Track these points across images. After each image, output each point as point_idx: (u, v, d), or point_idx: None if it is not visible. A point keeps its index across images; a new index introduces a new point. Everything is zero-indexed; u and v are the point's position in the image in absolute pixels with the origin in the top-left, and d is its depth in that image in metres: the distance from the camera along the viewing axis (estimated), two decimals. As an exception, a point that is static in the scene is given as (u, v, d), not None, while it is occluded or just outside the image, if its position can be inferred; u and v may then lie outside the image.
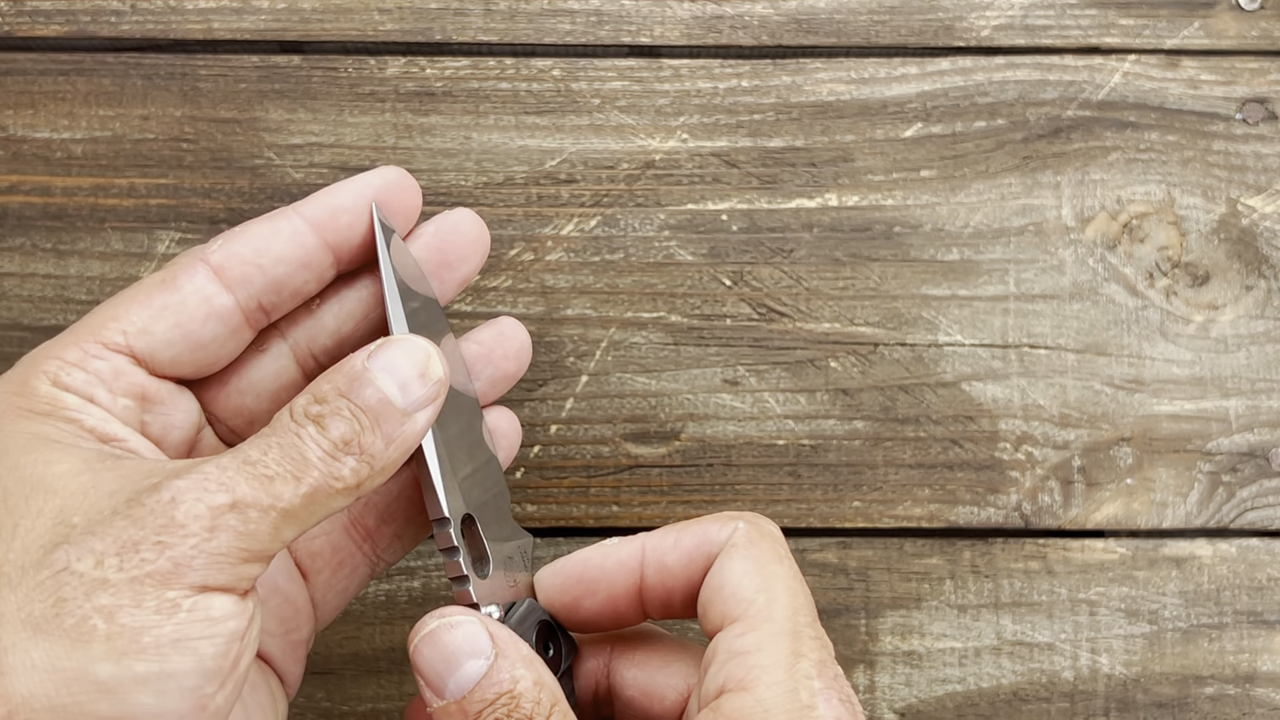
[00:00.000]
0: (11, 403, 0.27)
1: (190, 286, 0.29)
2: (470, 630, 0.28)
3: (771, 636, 0.28)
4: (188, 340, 0.29)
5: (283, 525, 0.25)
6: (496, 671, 0.27)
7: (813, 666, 0.27)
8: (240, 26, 0.41)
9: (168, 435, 0.30)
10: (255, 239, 0.30)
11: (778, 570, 0.29)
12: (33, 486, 0.25)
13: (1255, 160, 0.42)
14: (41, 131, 0.41)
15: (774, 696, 0.27)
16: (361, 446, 0.26)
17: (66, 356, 0.28)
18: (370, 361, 0.27)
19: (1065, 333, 0.41)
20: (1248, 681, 0.41)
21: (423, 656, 0.28)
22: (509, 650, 0.28)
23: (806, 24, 0.42)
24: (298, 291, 0.31)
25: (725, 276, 0.41)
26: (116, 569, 0.24)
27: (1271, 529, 0.41)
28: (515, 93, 0.41)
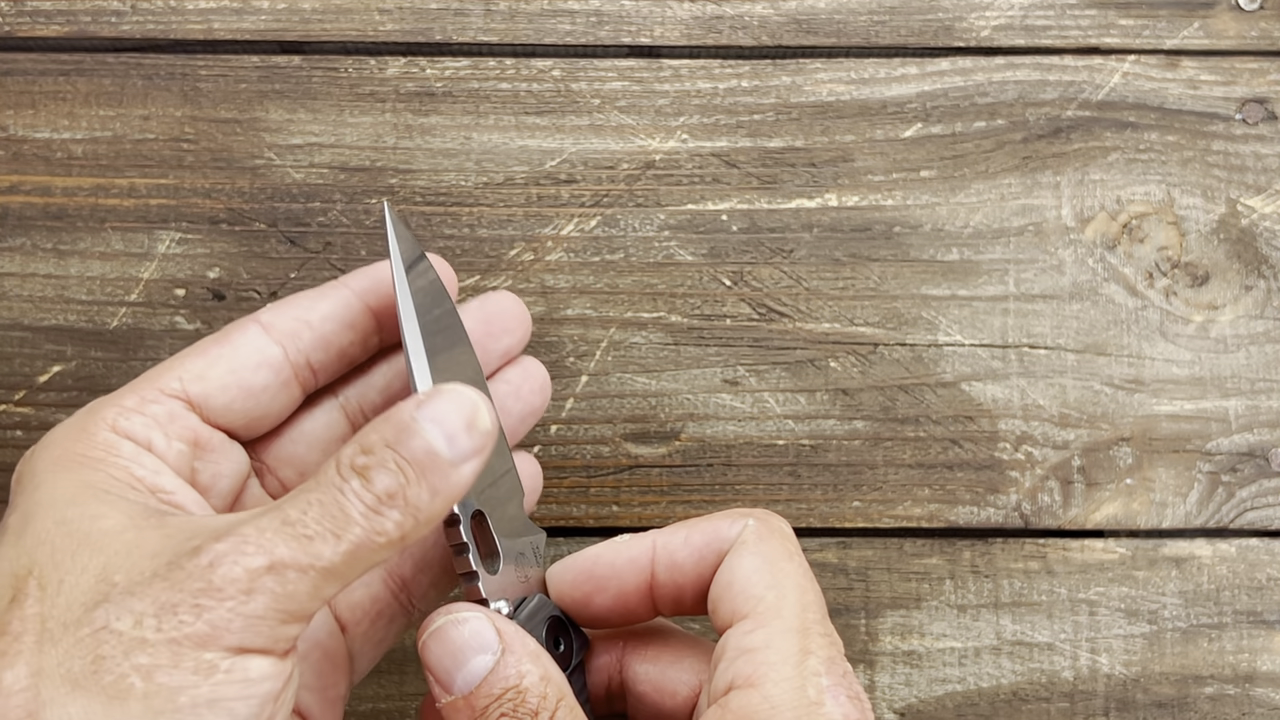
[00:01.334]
0: (68, 449, 0.28)
1: (242, 339, 0.30)
2: (477, 626, 0.28)
3: (780, 633, 0.28)
4: (240, 387, 0.30)
5: (323, 584, 0.25)
6: (503, 667, 0.27)
7: (821, 664, 0.27)
8: (240, 27, 0.41)
9: (216, 484, 0.30)
10: (303, 300, 0.31)
11: (787, 567, 0.29)
12: (79, 542, 0.25)
13: (1255, 160, 0.42)
14: (42, 131, 0.41)
15: (781, 693, 0.27)
16: (406, 499, 0.26)
17: (125, 403, 0.28)
18: (419, 412, 0.26)
19: (1065, 333, 0.41)
20: (1247, 681, 0.41)
21: (430, 652, 0.28)
22: (516, 645, 0.28)
23: (806, 24, 0.42)
24: (344, 352, 0.32)
25: (725, 276, 0.41)
26: (155, 629, 0.24)
27: (1271, 529, 0.41)
28: (515, 93, 0.41)
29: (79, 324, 0.40)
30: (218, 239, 0.41)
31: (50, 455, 0.28)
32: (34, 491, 0.27)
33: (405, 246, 0.31)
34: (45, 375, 0.40)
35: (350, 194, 0.41)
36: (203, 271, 0.40)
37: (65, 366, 0.40)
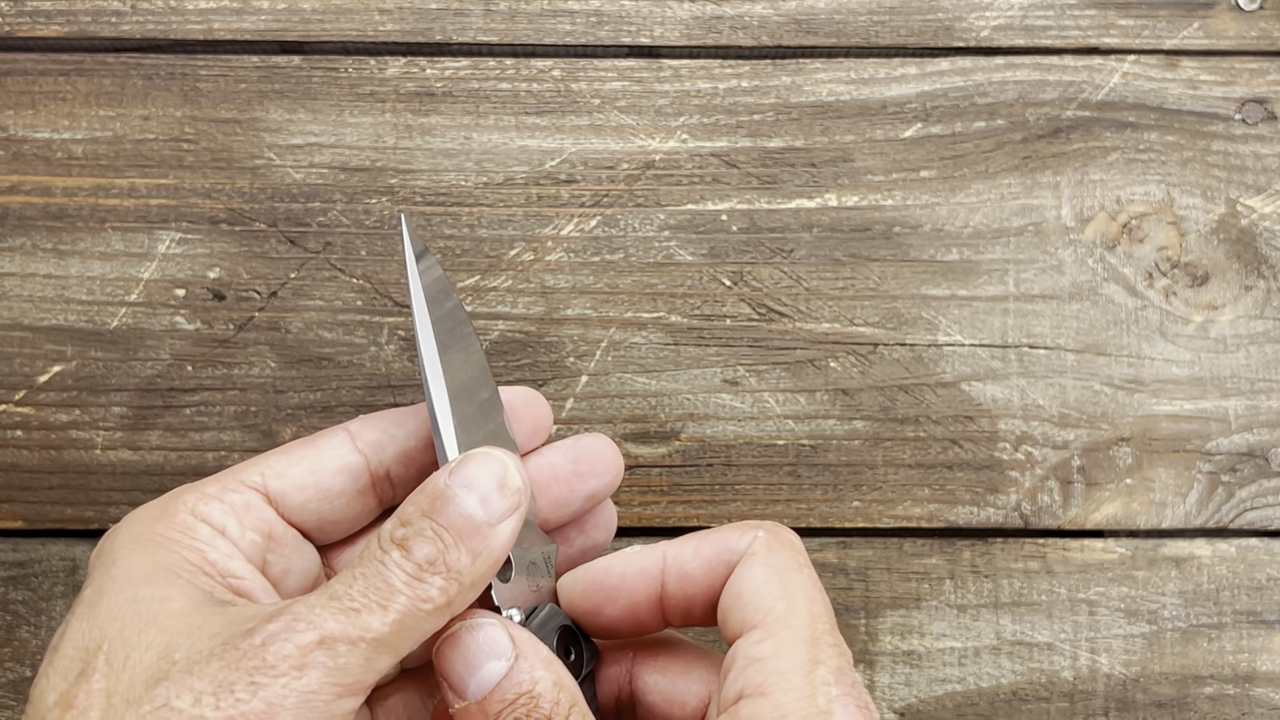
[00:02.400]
0: (149, 527, 0.28)
1: (327, 444, 0.31)
2: (491, 632, 0.28)
3: (790, 643, 0.28)
4: (318, 488, 0.31)
5: (374, 655, 0.26)
6: (516, 672, 0.28)
7: (830, 673, 0.28)
8: (241, 27, 0.41)
9: (286, 579, 0.31)
10: (393, 414, 0.32)
11: (797, 578, 0.29)
12: (147, 621, 0.26)
13: (1254, 160, 0.42)
14: (42, 132, 0.41)
15: (791, 702, 0.27)
16: (447, 564, 0.27)
17: (207, 490, 0.29)
18: (451, 479, 0.27)
19: (1065, 333, 0.41)
20: (1247, 681, 0.41)
21: (445, 658, 0.28)
22: (529, 652, 0.28)
23: (806, 24, 0.42)
24: (425, 470, 0.32)
25: (725, 276, 0.41)
26: (213, 708, 0.25)
27: (1271, 529, 0.41)
28: (515, 93, 0.41)
29: (79, 324, 0.40)
30: (218, 239, 0.41)
31: (131, 533, 0.28)
32: (110, 567, 0.28)
33: (428, 279, 0.31)
34: (45, 375, 0.40)
35: (350, 194, 0.41)
36: (203, 271, 0.40)
37: (65, 366, 0.40)
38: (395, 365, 0.40)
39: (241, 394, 0.40)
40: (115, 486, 0.40)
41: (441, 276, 0.32)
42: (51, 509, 0.40)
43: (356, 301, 0.40)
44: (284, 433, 0.40)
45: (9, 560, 0.40)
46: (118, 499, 0.40)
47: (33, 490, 0.40)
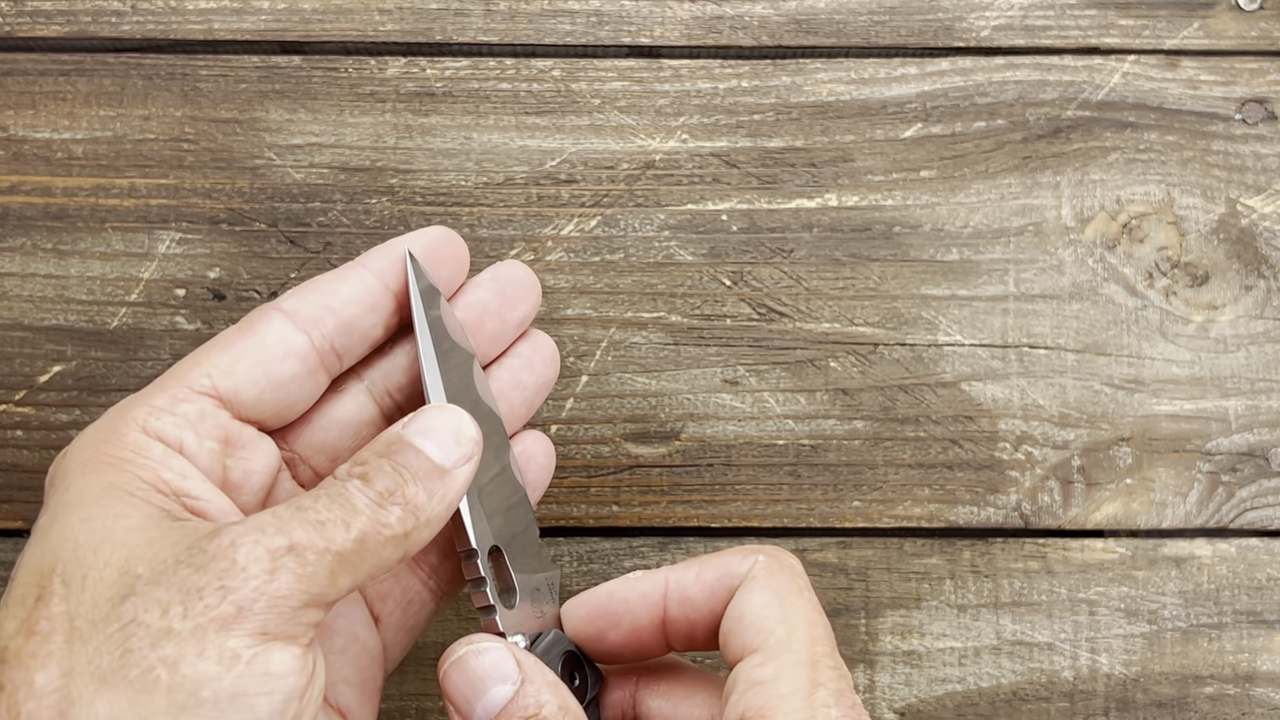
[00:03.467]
0: (98, 450, 0.28)
1: (266, 329, 0.30)
2: (497, 656, 0.28)
3: (790, 666, 0.28)
4: (269, 379, 0.30)
5: (338, 570, 0.26)
6: (522, 696, 0.28)
7: (830, 695, 0.28)
8: (241, 27, 0.41)
9: (248, 480, 0.30)
10: (323, 284, 0.31)
11: (797, 602, 0.29)
12: (101, 538, 0.26)
13: (1254, 160, 0.42)
14: (42, 132, 0.41)
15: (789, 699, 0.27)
16: (405, 497, 0.27)
17: (155, 402, 0.28)
18: (406, 429, 0.28)
19: (1065, 333, 0.41)
20: (1247, 681, 0.41)
21: (451, 682, 0.28)
22: (534, 675, 0.28)
23: (806, 24, 0.42)
24: (366, 334, 0.32)
25: (725, 276, 0.41)
26: (181, 617, 0.24)
27: (1271, 529, 0.41)
28: (515, 93, 0.41)
29: (79, 324, 0.40)
30: (218, 239, 0.41)
31: (80, 456, 0.28)
32: (63, 493, 0.27)
33: (427, 295, 0.31)
34: (45, 375, 0.40)
35: (350, 194, 0.41)
36: (203, 271, 0.40)
37: (65, 366, 0.40)
38: (395, 365, 0.40)
39: (242, 394, 0.40)
40: (115, 486, 0.40)
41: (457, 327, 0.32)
42: (52, 509, 0.40)
43: (357, 301, 0.41)
44: (284, 433, 0.40)
45: (9, 560, 0.40)
46: (118, 499, 0.40)
47: (33, 490, 0.40)
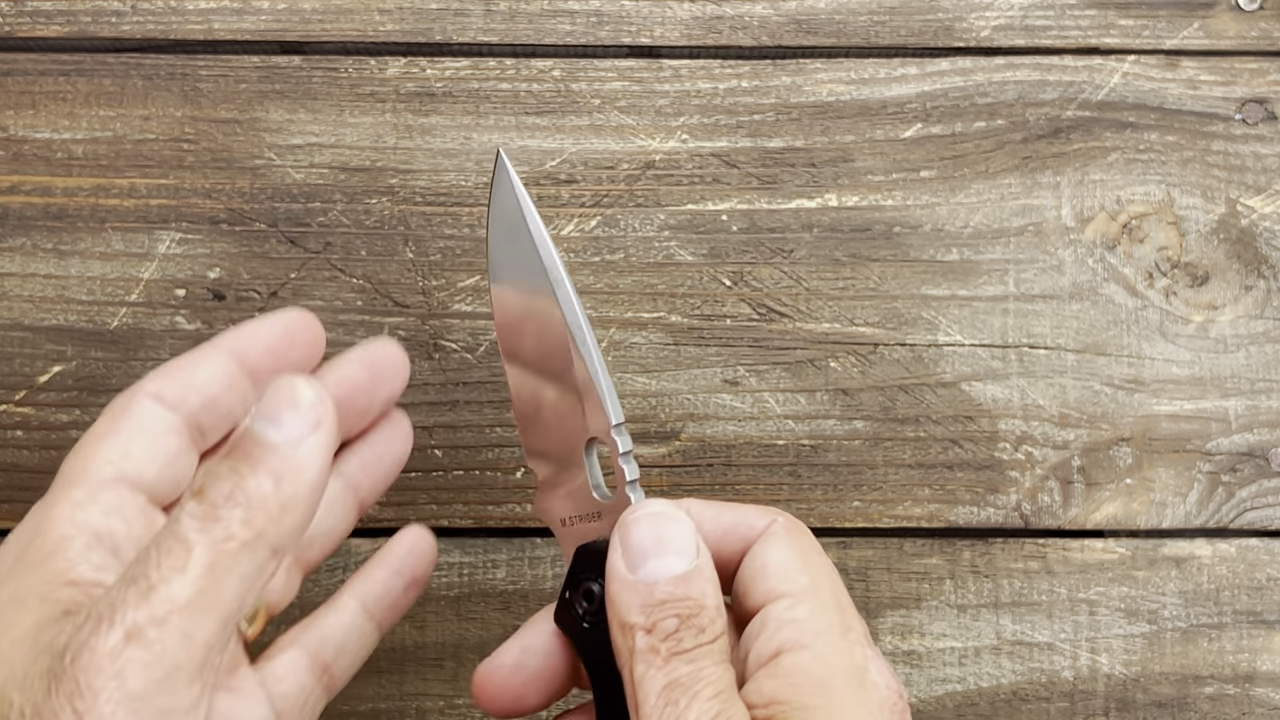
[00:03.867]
0: (21, 551, 0.27)
1: (141, 411, 0.29)
2: (686, 531, 0.28)
3: (821, 610, 0.28)
4: (164, 455, 0.29)
5: (191, 625, 0.24)
6: (696, 578, 0.28)
7: (861, 637, 0.29)
8: (241, 27, 0.41)
9: None
10: (182, 366, 0.30)
11: (818, 560, 0.30)
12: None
13: (1254, 160, 0.42)
14: (42, 132, 0.41)
15: (833, 655, 0.28)
16: (246, 494, 0.25)
17: (75, 496, 0.27)
18: (250, 419, 0.26)
19: (1065, 333, 0.41)
20: (1247, 681, 0.41)
21: (637, 530, 0.28)
22: (707, 567, 0.28)
23: (806, 25, 0.42)
24: (229, 413, 0.31)
25: (725, 276, 0.41)
26: None
27: (1271, 529, 0.41)
28: (515, 93, 0.41)
29: (79, 324, 0.40)
30: (218, 239, 0.41)
31: (10, 553, 0.27)
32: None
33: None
34: (46, 375, 0.40)
35: (350, 194, 0.41)
36: (203, 272, 0.40)
37: (66, 366, 0.40)
38: (395, 365, 0.40)
39: (242, 394, 0.40)
40: (115, 486, 0.40)
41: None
42: (52, 509, 0.40)
43: (357, 301, 0.41)
44: (284, 433, 0.40)
45: (9, 560, 0.40)
46: (118, 499, 0.40)
47: (33, 490, 0.40)
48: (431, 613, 0.40)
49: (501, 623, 0.40)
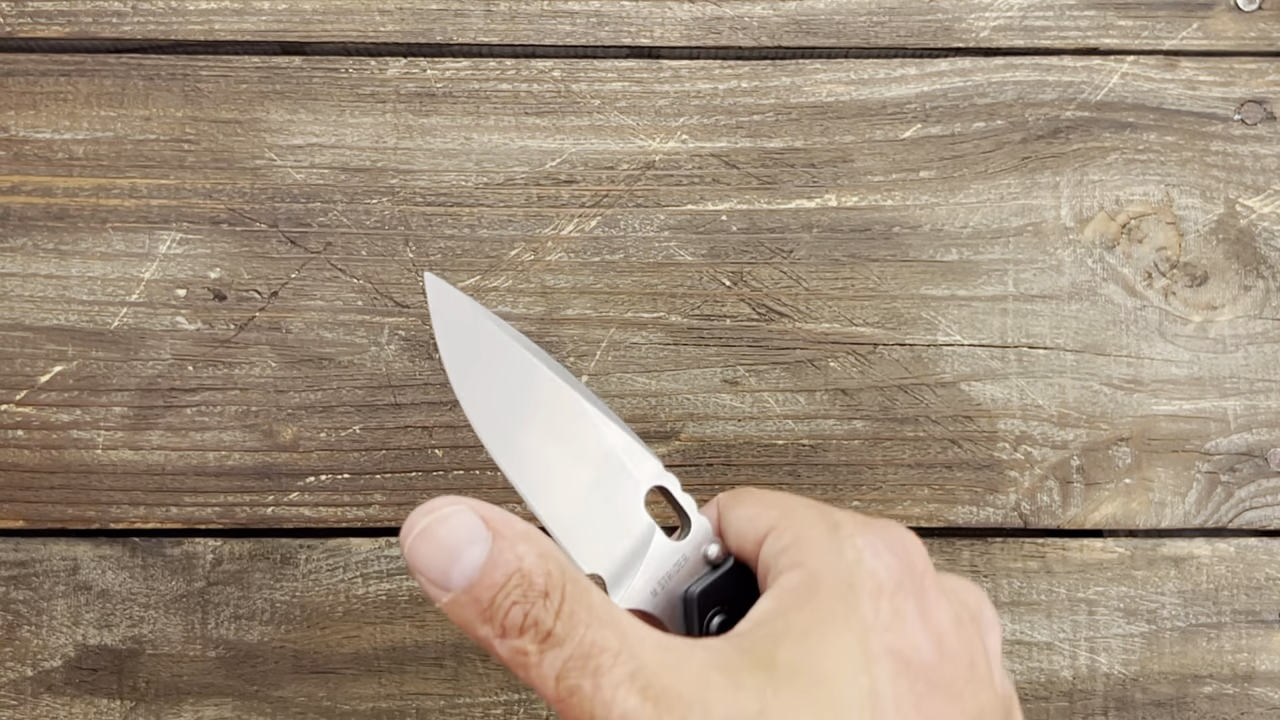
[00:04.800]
0: None
1: None
2: (463, 518, 0.26)
3: (804, 523, 0.29)
4: None
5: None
6: (499, 553, 0.26)
7: (851, 528, 0.28)
8: (241, 27, 0.41)
9: None
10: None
11: (773, 495, 0.30)
12: None
13: (1253, 161, 0.42)
14: (43, 132, 0.41)
15: (823, 562, 0.28)
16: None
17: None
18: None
19: (1064, 333, 0.41)
20: (1246, 680, 0.41)
21: (420, 554, 0.26)
22: (505, 529, 0.26)
23: (806, 25, 0.42)
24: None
25: (725, 276, 0.41)
26: None
27: (1269, 528, 0.41)
28: (516, 94, 0.41)
29: (80, 324, 0.40)
30: (219, 239, 0.41)
31: None
32: None
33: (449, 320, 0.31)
34: (46, 375, 0.40)
35: (351, 194, 0.41)
36: (204, 272, 0.41)
37: (66, 366, 0.40)
38: (396, 365, 0.40)
39: (242, 394, 0.40)
40: (116, 486, 0.40)
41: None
42: (52, 509, 0.40)
43: (357, 301, 0.41)
44: (284, 432, 0.40)
45: (10, 560, 0.40)
46: (118, 499, 0.40)
47: (34, 490, 0.40)
48: (431, 613, 0.40)
49: (502, 622, 0.40)
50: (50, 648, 0.40)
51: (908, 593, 0.27)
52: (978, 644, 0.28)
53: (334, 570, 0.40)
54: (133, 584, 0.40)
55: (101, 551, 0.40)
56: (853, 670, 0.26)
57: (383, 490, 0.40)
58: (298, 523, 0.40)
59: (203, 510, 0.40)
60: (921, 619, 0.27)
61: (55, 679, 0.40)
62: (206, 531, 0.40)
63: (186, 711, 0.40)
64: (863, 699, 0.26)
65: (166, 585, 0.40)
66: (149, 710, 0.40)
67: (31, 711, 0.39)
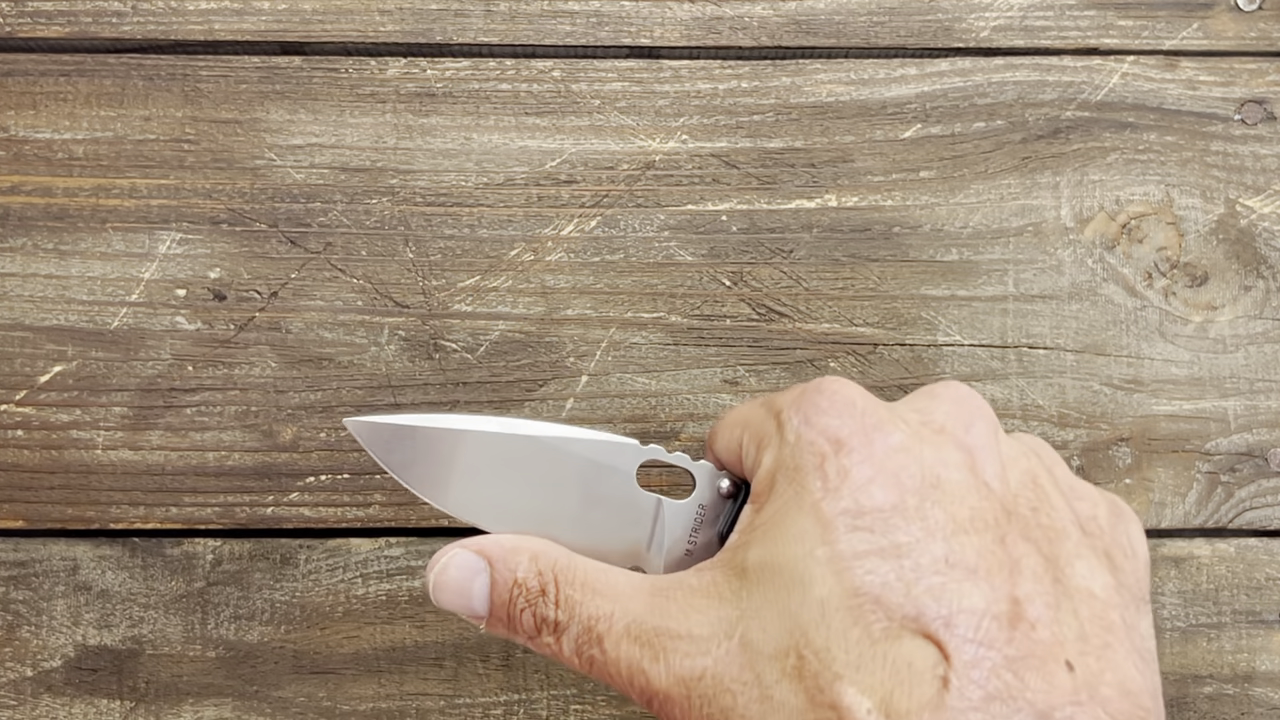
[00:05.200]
0: None
1: None
2: (461, 558, 0.30)
3: (757, 425, 0.30)
4: None
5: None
6: (497, 574, 0.30)
7: (790, 408, 0.29)
8: (241, 27, 0.41)
9: None
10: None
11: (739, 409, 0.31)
12: None
13: (1254, 161, 0.42)
14: (43, 132, 0.41)
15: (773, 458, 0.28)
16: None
17: None
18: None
19: (1064, 333, 0.41)
20: (1246, 681, 0.41)
21: (445, 601, 0.30)
22: (495, 553, 0.30)
23: (806, 25, 0.42)
24: None
25: (725, 276, 0.41)
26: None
27: (1269, 529, 0.41)
28: (515, 94, 0.41)
29: (80, 324, 0.40)
30: (219, 239, 0.41)
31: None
32: None
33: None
34: (46, 375, 0.40)
35: (351, 194, 0.41)
36: (204, 272, 0.41)
37: (66, 366, 0.40)
38: (395, 365, 0.40)
39: (242, 394, 0.40)
40: (116, 486, 0.40)
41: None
42: (52, 509, 0.40)
43: (357, 302, 0.41)
44: (284, 433, 0.40)
45: (10, 560, 0.40)
46: (118, 499, 0.40)
47: (33, 490, 0.40)
48: (431, 613, 0.40)
49: (501, 622, 0.40)
50: (50, 648, 0.40)
51: (851, 447, 0.27)
52: (949, 452, 0.27)
53: (334, 570, 0.40)
54: (132, 584, 0.40)
55: (101, 551, 0.40)
56: (811, 546, 0.26)
57: (383, 490, 0.40)
58: (297, 523, 0.40)
59: (202, 510, 0.40)
60: (870, 465, 0.27)
61: (55, 679, 0.40)
62: (206, 532, 0.40)
63: (186, 712, 0.40)
64: (824, 570, 0.26)
65: (166, 585, 0.40)
66: (149, 710, 0.40)
67: (31, 712, 0.39)
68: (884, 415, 0.28)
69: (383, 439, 0.32)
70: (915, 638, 0.25)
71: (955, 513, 0.26)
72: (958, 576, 0.25)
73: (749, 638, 0.26)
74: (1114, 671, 0.25)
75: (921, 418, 0.28)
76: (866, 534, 0.26)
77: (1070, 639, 0.25)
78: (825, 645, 0.25)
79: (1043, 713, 0.24)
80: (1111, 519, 0.29)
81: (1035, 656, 0.25)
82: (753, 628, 0.26)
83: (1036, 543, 0.27)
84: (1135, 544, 0.29)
